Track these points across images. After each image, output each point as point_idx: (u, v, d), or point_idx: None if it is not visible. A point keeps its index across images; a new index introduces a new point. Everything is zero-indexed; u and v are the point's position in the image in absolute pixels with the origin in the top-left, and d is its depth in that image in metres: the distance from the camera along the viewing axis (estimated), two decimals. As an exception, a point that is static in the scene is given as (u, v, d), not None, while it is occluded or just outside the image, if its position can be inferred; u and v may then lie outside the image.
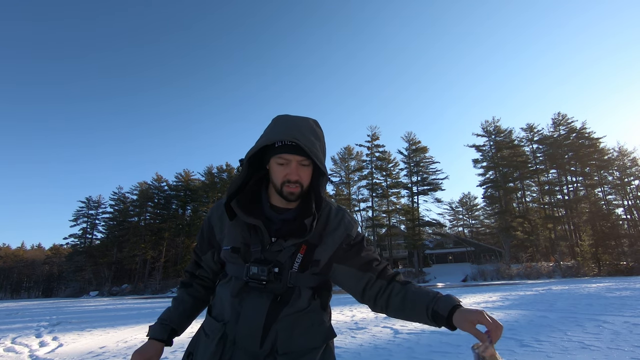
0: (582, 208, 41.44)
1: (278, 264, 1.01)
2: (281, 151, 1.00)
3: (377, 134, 49.89)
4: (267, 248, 1.03)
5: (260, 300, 0.99)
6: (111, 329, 8.43)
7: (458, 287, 25.21)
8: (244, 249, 1.04)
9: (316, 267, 1.05)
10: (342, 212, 1.13)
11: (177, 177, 60.32)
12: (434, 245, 53.26)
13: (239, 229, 1.06)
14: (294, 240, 1.02)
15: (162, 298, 31.58)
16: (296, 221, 1.06)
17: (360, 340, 5.54)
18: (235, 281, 1.03)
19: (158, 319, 1.14)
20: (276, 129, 1.02)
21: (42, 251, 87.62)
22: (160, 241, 54.07)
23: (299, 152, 1.00)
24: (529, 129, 48.20)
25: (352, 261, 1.07)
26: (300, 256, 1.03)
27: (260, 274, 0.98)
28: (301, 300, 1.03)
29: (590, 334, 5.04)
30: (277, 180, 1.02)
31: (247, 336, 0.97)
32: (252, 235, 1.04)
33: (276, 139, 0.98)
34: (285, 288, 1.01)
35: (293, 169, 1.00)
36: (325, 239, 1.07)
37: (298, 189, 1.02)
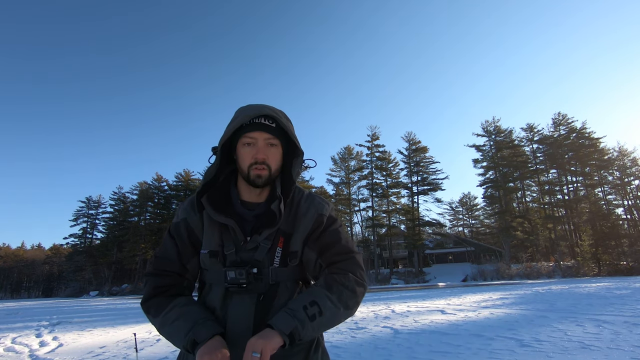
0: (582, 208, 41.45)
1: (255, 263, 0.96)
2: (247, 130, 0.96)
3: (377, 133, 49.92)
4: (241, 247, 0.97)
5: (244, 303, 0.94)
6: (111, 328, 8.44)
7: (458, 287, 25.22)
8: (221, 252, 0.98)
9: (295, 259, 1.00)
10: (312, 195, 1.09)
11: (177, 177, 60.30)
12: (434, 245, 53.26)
13: (214, 230, 1.00)
14: (267, 230, 0.98)
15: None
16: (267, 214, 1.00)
17: (360, 340, 5.54)
18: (216, 288, 0.98)
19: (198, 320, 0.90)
20: (244, 111, 0.97)
21: (42, 251, 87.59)
22: (160, 241, 53.84)
23: (266, 130, 0.96)
24: (529, 129, 48.22)
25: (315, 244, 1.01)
26: (280, 250, 0.99)
27: (238, 278, 0.93)
28: (288, 295, 0.99)
29: (590, 334, 5.04)
30: (244, 163, 0.97)
31: (238, 342, 0.90)
32: (225, 237, 0.99)
33: (246, 117, 0.95)
34: (267, 286, 0.96)
35: (260, 147, 0.96)
36: (298, 225, 1.02)
37: (266, 171, 0.96)
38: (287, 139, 1.02)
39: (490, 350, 4.36)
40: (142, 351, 5.23)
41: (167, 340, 0.95)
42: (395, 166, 50.12)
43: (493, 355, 4.15)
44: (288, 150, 1.04)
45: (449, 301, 11.81)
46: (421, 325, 6.70)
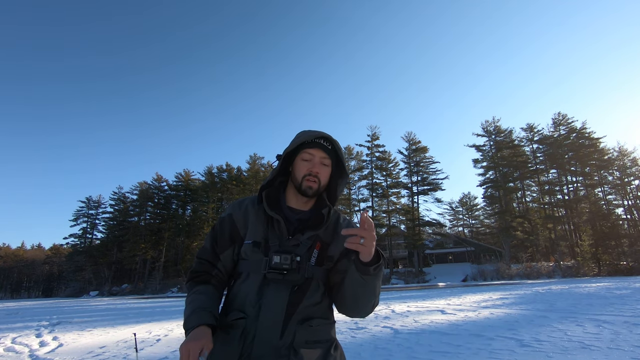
0: (582, 208, 41.41)
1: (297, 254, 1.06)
2: (308, 147, 1.13)
3: (377, 134, 49.88)
4: (284, 242, 1.09)
5: (280, 291, 1.03)
6: (111, 328, 8.43)
7: (458, 287, 25.21)
8: (264, 244, 1.09)
9: (330, 262, 1.13)
10: (348, 219, 1.27)
11: (177, 177, 60.29)
12: (434, 245, 53.23)
13: (260, 224, 1.13)
14: (311, 232, 1.11)
15: (162, 298, 31.57)
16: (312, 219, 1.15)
17: (360, 340, 5.54)
18: (253, 276, 1.07)
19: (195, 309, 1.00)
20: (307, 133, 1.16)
21: (42, 251, 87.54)
22: (160, 241, 54.00)
23: (323, 149, 1.14)
24: (529, 129, 48.18)
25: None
26: (317, 251, 1.10)
27: (283, 263, 1.02)
28: (318, 294, 1.09)
29: (590, 334, 5.04)
30: (299, 173, 1.13)
31: (268, 328, 0.99)
32: (270, 231, 1.11)
33: (309, 137, 1.13)
34: (303, 279, 1.05)
35: (316, 163, 1.13)
36: (337, 237, 1.16)
37: (316, 184, 1.13)
38: (337, 161, 1.21)
39: (490, 350, 4.36)
40: (142, 351, 5.23)
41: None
42: (395, 166, 50.10)
43: (493, 355, 4.15)
44: (336, 171, 1.23)
45: (449, 301, 11.80)
46: (421, 325, 6.70)
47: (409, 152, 48.87)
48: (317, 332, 1.04)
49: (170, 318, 10.36)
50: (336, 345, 1.09)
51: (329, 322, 1.11)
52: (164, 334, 6.92)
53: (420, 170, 48.28)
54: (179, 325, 8.25)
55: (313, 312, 1.06)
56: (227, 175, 58.36)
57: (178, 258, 54.27)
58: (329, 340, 1.07)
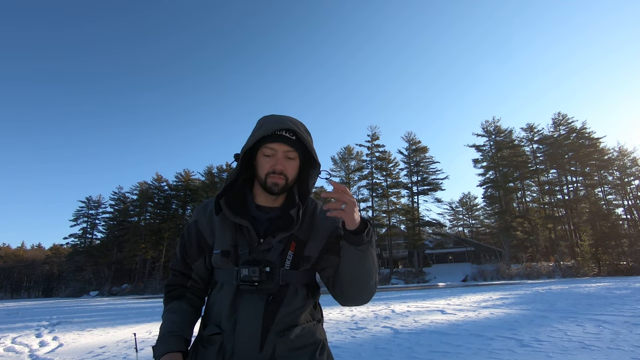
0: (582, 208, 41.41)
1: (268, 263, 0.99)
2: (268, 141, 1.01)
3: (377, 134, 49.89)
4: (255, 248, 1.01)
5: (255, 303, 0.97)
6: (111, 328, 8.43)
7: (458, 287, 25.21)
8: (233, 252, 1.02)
9: (307, 264, 1.05)
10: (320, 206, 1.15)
11: (177, 177, 60.27)
12: (434, 245, 53.22)
13: (227, 231, 1.04)
14: (282, 234, 1.02)
15: (162, 298, 31.50)
16: (282, 218, 1.05)
17: (360, 340, 5.54)
18: (227, 287, 1.01)
19: (164, 333, 0.99)
20: (268, 123, 1.03)
21: (42, 251, 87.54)
22: (160, 241, 54.01)
23: (286, 142, 1.01)
24: (529, 129, 48.19)
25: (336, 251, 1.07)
26: (291, 253, 1.02)
27: (251, 275, 0.95)
28: (297, 299, 1.01)
29: (590, 334, 5.04)
30: (262, 171, 1.03)
31: (246, 343, 0.94)
32: (239, 237, 1.03)
33: (270, 129, 0.99)
34: (277, 287, 0.99)
35: (279, 159, 1.02)
36: (314, 234, 1.07)
37: (282, 181, 1.02)
38: (305, 150, 1.08)
39: (490, 350, 4.36)
40: (142, 351, 5.23)
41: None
42: (395, 166, 50.10)
43: (493, 355, 4.15)
44: (306, 161, 1.10)
45: (449, 301, 11.80)
46: (421, 325, 6.70)
47: (409, 152, 48.88)
48: (299, 339, 0.98)
49: (170, 318, 10.34)
50: (322, 347, 1.02)
51: (313, 322, 1.05)
52: (164, 334, 6.90)
53: (420, 170, 48.28)
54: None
55: (293, 320, 0.99)
56: (227, 175, 58.28)
57: (178, 258, 54.20)
58: (315, 343, 1.01)
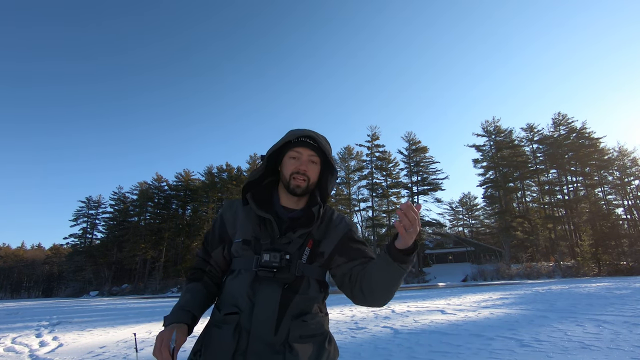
0: (582, 208, 41.39)
1: (287, 252, 1.08)
2: (295, 145, 1.15)
3: (377, 134, 49.87)
4: (276, 241, 1.10)
5: (272, 288, 1.04)
6: (111, 328, 8.43)
7: (458, 287, 25.21)
8: (255, 242, 1.11)
9: (321, 259, 1.14)
10: (342, 215, 1.27)
11: (177, 177, 60.27)
12: (434, 245, 53.19)
13: (250, 223, 1.15)
14: (302, 230, 1.11)
15: (162, 298, 31.57)
16: (303, 217, 1.16)
17: (360, 340, 5.53)
18: (245, 273, 1.08)
19: (175, 307, 1.08)
20: (294, 131, 1.17)
21: (42, 251, 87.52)
22: (160, 241, 53.99)
23: (310, 147, 1.15)
24: (529, 129, 48.17)
25: (347, 253, 1.16)
26: (308, 249, 1.11)
27: (272, 261, 1.04)
28: (311, 290, 1.10)
29: (590, 334, 5.04)
30: (287, 172, 1.15)
31: (262, 324, 1.01)
32: (262, 230, 1.12)
33: (294, 135, 1.14)
34: (293, 277, 1.07)
35: (304, 161, 1.14)
36: (329, 233, 1.18)
37: (305, 182, 1.14)
38: (325, 159, 1.21)
39: (490, 350, 4.36)
40: (142, 351, 5.23)
41: None
42: (395, 166, 50.08)
43: (493, 355, 4.15)
44: (325, 169, 1.24)
45: (449, 301, 11.80)
46: (421, 325, 6.69)
47: (409, 152, 48.86)
48: (310, 327, 1.06)
49: (170, 318, 10.34)
50: (330, 339, 1.10)
51: (322, 315, 1.13)
52: (164, 334, 6.90)
53: (420, 170, 48.27)
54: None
55: (306, 308, 1.07)
56: (227, 175, 58.33)
57: (178, 258, 54.26)
58: (323, 334, 1.08)
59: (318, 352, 1.04)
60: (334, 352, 1.10)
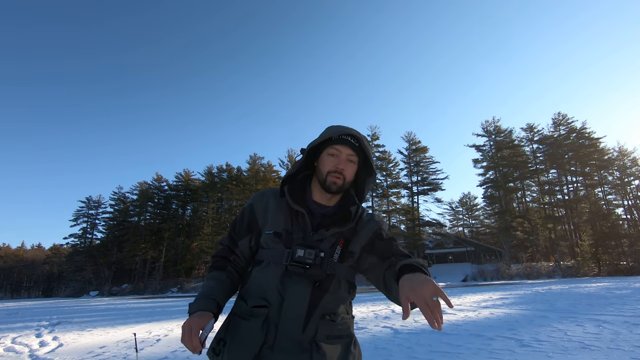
0: (582, 208, 41.40)
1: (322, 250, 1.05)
2: (335, 143, 1.11)
3: (377, 133, 49.89)
4: (308, 236, 1.08)
5: (303, 285, 1.02)
6: (111, 328, 8.43)
7: (458, 287, 25.21)
8: (286, 235, 1.08)
9: (352, 259, 1.12)
10: (371, 213, 1.25)
11: (177, 177, 60.28)
12: (434, 245, 53.19)
13: (282, 215, 1.12)
14: (336, 229, 1.09)
15: (162, 298, 31.57)
16: (336, 215, 1.13)
17: (360, 340, 5.52)
18: (274, 266, 1.06)
19: (200, 295, 1.06)
20: (334, 128, 1.13)
21: (42, 251, 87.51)
22: (160, 241, 53.98)
23: (350, 146, 1.11)
24: (529, 129, 48.18)
25: (377, 252, 1.13)
26: (339, 248, 1.09)
27: (306, 257, 1.01)
28: (341, 290, 1.08)
29: (590, 334, 5.04)
30: (324, 168, 1.11)
31: (291, 320, 0.99)
32: (294, 224, 1.10)
33: (336, 132, 1.11)
34: (325, 275, 1.04)
35: (342, 159, 1.11)
36: (359, 232, 1.16)
37: (341, 180, 1.10)
38: (364, 159, 1.18)
39: (490, 350, 4.36)
40: (142, 351, 5.23)
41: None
42: (395, 166, 50.11)
43: (493, 355, 4.14)
44: (363, 169, 1.20)
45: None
46: (421, 325, 6.69)
47: (409, 152, 48.89)
48: (338, 328, 1.05)
49: (170, 318, 10.36)
50: (355, 342, 1.09)
51: (349, 317, 1.11)
52: (164, 334, 6.91)
53: (420, 170, 48.30)
54: (178, 325, 8.24)
55: (334, 308, 1.06)
56: (227, 175, 58.33)
57: (178, 258, 54.25)
58: (349, 336, 1.07)
59: (345, 355, 1.03)
60: (358, 356, 1.08)
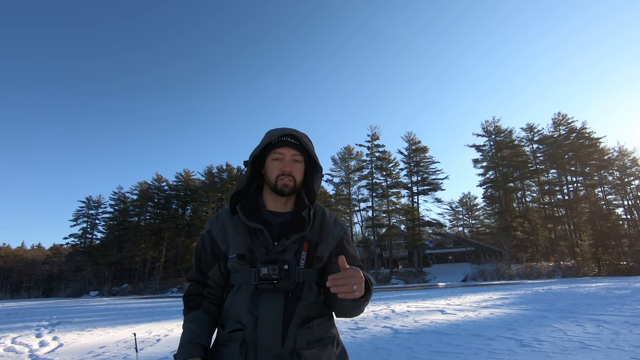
0: (582, 208, 41.38)
1: (285, 262, 1.04)
2: (276, 146, 1.10)
3: (377, 134, 49.85)
4: (270, 250, 1.06)
5: (274, 299, 1.02)
6: (111, 328, 8.43)
7: (458, 287, 25.22)
8: (249, 255, 1.07)
9: (320, 262, 1.12)
10: (333, 214, 1.24)
11: (177, 177, 60.28)
12: (434, 245, 53.22)
13: (241, 236, 1.10)
14: (296, 235, 1.08)
15: (162, 298, 31.58)
16: (294, 221, 1.12)
17: (360, 340, 5.53)
18: (245, 288, 1.05)
19: (184, 342, 1.03)
20: (272, 132, 1.13)
21: (42, 251, 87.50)
22: (160, 241, 54.00)
23: (292, 146, 1.10)
24: (529, 129, 48.16)
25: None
26: (304, 253, 1.09)
27: (271, 274, 1.01)
28: (312, 295, 1.08)
29: (590, 334, 5.04)
30: (272, 175, 1.11)
31: (268, 337, 0.99)
32: (254, 241, 1.08)
33: (274, 136, 1.10)
34: (294, 284, 1.04)
35: (287, 161, 1.10)
36: (325, 237, 1.15)
37: (292, 182, 1.10)
38: (308, 157, 1.17)
39: (490, 350, 4.36)
40: (142, 351, 5.24)
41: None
42: (395, 166, 50.08)
43: (493, 355, 4.15)
44: (309, 167, 1.19)
45: (449, 301, 11.81)
46: (421, 325, 6.69)
47: (409, 152, 48.86)
48: (317, 332, 1.05)
49: (170, 318, 10.36)
50: (337, 341, 1.10)
51: (327, 318, 1.12)
52: (164, 334, 6.92)
53: (420, 170, 48.27)
54: (178, 325, 8.25)
55: (310, 313, 1.06)
56: (227, 175, 58.36)
57: (178, 258, 54.25)
58: (330, 337, 1.08)
59: (327, 356, 1.04)
60: (341, 355, 1.09)
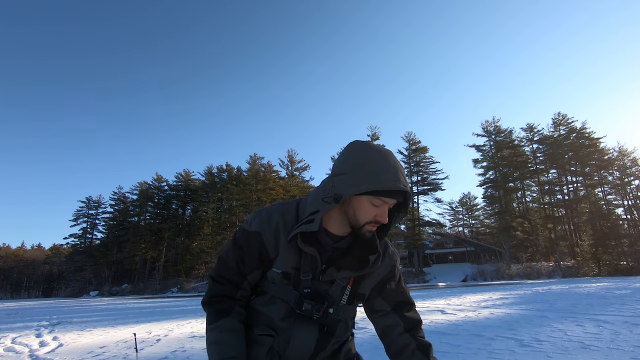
0: (582, 208, 41.40)
1: (331, 300, 1.00)
2: (384, 195, 0.92)
3: (377, 133, 49.82)
4: (317, 276, 0.99)
5: (310, 328, 0.99)
6: (111, 328, 8.43)
7: (458, 287, 25.22)
8: (294, 274, 0.99)
9: (361, 300, 1.08)
10: (386, 244, 1.10)
11: (177, 177, 60.33)
12: (434, 245, 53.23)
13: (291, 252, 0.99)
14: (349, 273, 1.00)
15: (162, 298, 31.59)
16: (350, 252, 1.02)
17: (360, 340, 5.53)
18: (282, 303, 1.00)
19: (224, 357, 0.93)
20: (386, 172, 0.90)
21: (42, 251, 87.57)
22: (160, 241, 54.04)
23: (397, 197, 0.95)
24: (529, 129, 48.20)
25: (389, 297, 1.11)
26: (349, 288, 1.03)
27: (313, 312, 0.97)
28: (345, 333, 1.08)
29: (590, 334, 5.04)
30: (363, 217, 0.95)
31: (297, 358, 0.99)
32: (303, 261, 0.99)
33: (390, 186, 0.89)
34: (333, 322, 1.02)
35: (385, 212, 0.95)
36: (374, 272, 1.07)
37: (375, 228, 0.98)
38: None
39: (490, 350, 4.36)
40: (142, 351, 5.23)
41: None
42: (395, 166, 50.06)
43: (493, 355, 4.14)
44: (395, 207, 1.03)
45: (449, 301, 11.80)
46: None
47: (409, 152, 48.88)
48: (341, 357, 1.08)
49: (170, 318, 10.36)
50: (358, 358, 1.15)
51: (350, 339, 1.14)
52: (164, 334, 6.91)
53: (420, 170, 48.28)
54: (179, 325, 8.24)
55: (340, 348, 1.08)
56: (227, 175, 58.38)
57: (178, 258, 54.27)
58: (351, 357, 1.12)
59: None
60: None
